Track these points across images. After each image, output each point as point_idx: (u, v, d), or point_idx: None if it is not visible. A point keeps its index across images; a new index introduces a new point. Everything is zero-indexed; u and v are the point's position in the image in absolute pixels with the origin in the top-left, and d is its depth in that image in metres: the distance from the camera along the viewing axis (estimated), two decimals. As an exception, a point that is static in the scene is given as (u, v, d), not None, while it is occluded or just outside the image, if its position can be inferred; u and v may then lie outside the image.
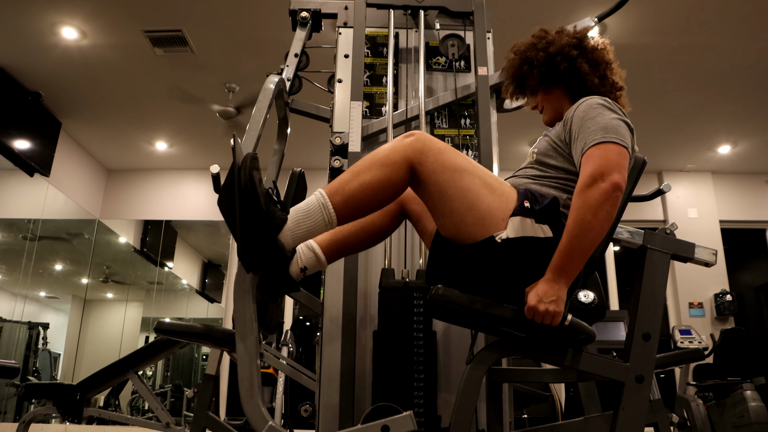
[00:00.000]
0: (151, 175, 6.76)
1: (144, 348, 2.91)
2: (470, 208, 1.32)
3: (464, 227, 1.33)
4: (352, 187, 1.32)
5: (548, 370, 1.70)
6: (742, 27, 4.31)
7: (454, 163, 1.35)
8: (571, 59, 1.60)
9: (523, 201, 1.35)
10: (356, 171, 1.34)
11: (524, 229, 1.31)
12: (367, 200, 1.34)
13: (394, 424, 1.20)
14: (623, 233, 1.51)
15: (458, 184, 1.33)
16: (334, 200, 1.31)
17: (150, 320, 6.87)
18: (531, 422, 3.51)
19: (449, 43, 2.20)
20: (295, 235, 1.29)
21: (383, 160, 1.34)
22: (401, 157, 1.34)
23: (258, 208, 1.23)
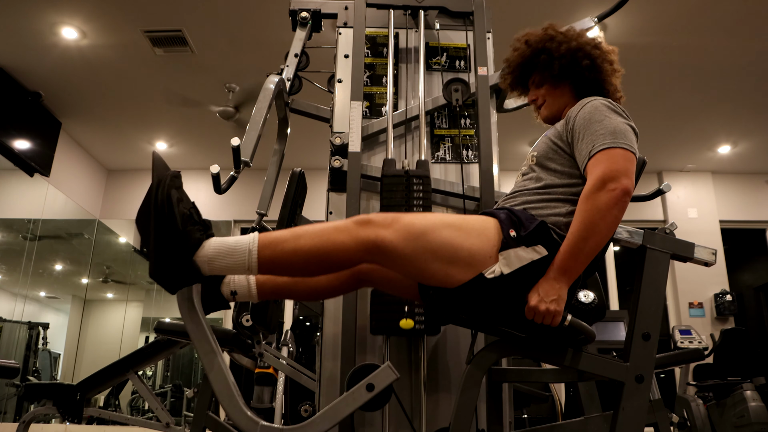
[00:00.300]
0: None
1: (144, 348, 2.91)
2: (451, 262, 1.27)
3: (452, 279, 1.28)
4: (286, 248, 1.25)
5: (548, 370, 1.70)
6: (742, 27, 4.31)
7: (416, 230, 1.27)
8: (592, 58, 1.60)
9: (508, 231, 1.31)
10: (299, 233, 1.27)
11: (519, 260, 1.29)
12: (297, 266, 1.28)
13: (376, 379, 1.21)
14: (623, 233, 1.51)
15: (430, 246, 1.27)
16: (263, 253, 1.24)
17: (150, 320, 6.87)
18: (531, 422, 3.51)
19: (453, 88, 2.19)
20: (212, 267, 1.23)
21: (332, 237, 1.25)
22: (353, 241, 1.25)
23: (173, 227, 1.19)
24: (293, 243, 1.25)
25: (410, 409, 1.83)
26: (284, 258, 1.25)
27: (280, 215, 2.03)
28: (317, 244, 1.25)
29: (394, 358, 1.88)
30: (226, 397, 1.21)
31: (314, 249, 1.25)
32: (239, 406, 1.20)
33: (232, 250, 1.24)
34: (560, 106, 1.65)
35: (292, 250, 1.25)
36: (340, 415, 1.20)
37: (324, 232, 1.26)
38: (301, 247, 1.25)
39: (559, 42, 1.62)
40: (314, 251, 1.25)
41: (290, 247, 1.25)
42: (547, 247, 1.32)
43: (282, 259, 1.25)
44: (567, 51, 1.60)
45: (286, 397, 3.11)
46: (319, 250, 1.25)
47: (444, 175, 2.14)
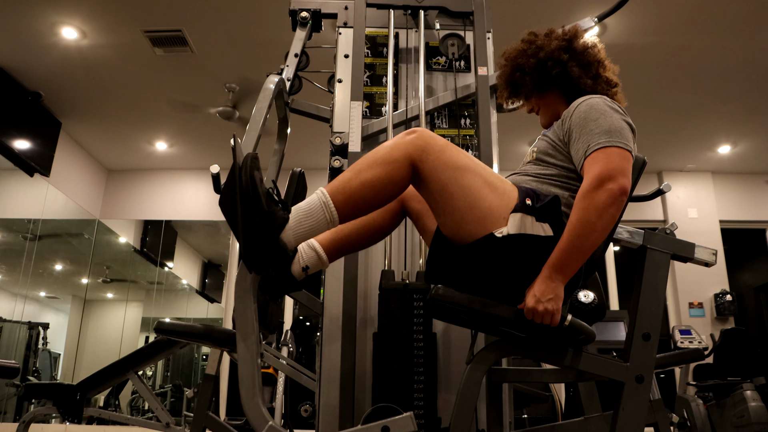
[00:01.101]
0: (151, 175, 6.76)
1: (144, 348, 2.91)
2: (471, 206, 1.32)
3: (465, 225, 1.32)
4: (354, 185, 1.31)
5: (548, 370, 1.70)
6: (742, 27, 4.31)
7: (455, 161, 1.34)
8: (562, 63, 1.60)
9: (524, 198, 1.34)
10: (357, 169, 1.33)
11: (525, 226, 1.31)
12: (369, 198, 1.33)
13: (395, 424, 1.20)
14: (623, 233, 1.51)
15: (460, 182, 1.33)
16: (336, 199, 1.30)
17: (150, 320, 6.87)
18: (531, 422, 3.51)
19: (449, 42, 2.20)
20: (297, 234, 1.28)
21: (385, 158, 1.33)
22: (403, 154, 1.33)
23: (260, 208, 1.22)
24: (357, 179, 1.32)
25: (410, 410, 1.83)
26: (356, 195, 1.31)
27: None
28: (378, 171, 1.32)
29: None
30: (248, 386, 1.22)
31: (377, 177, 1.32)
32: (256, 399, 1.20)
33: (309, 212, 1.29)
34: (554, 112, 1.67)
35: (360, 185, 1.31)
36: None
37: (377, 158, 1.33)
38: (366, 179, 1.31)
39: (528, 56, 1.64)
40: (379, 178, 1.32)
41: (357, 183, 1.31)
42: (553, 228, 1.33)
43: (355, 198, 1.31)
44: (535, 64, 1.62)
45: (286, 397, 3.11)
46: (380, 176, 1.32)
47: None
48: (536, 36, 1.66)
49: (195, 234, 7.20)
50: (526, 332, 1.37)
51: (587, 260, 1.33)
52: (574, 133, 1.44)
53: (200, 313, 7.38)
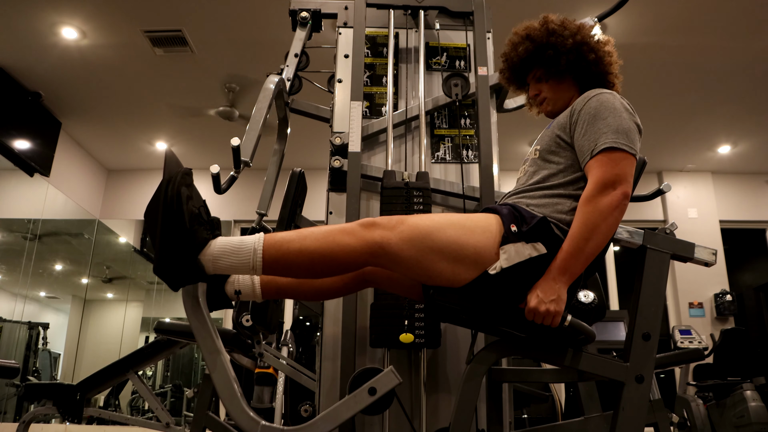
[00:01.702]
0: (151, 175, 6.75)
1: (144, 348, 2.91)
2: (458, 260, 1.28)
3: (458, 277, 1.29)
4: (291, 248, 1.25)
5: (548, 370, 1.70)
6: (742, 27, 4.31)
7: (421, 231, 1.28)
8: (596, 51, 1.59)
9: (509, 226, 1.32)
10: (305, 234, 1.27)
11: (518, 255, 1.29)
12: (302, 267, 1.27)
13: (379, 383, 1.22)
14: (623, 233, 1.51)
15: (436, 247, 1.28)
16: (267, 253, 1.24)
17: (150, 320, 6.87)
18: (531, 422, 3.51)
19: (452, 83, 2.19)
20: (216, 265, 1.23)
21: (338, 239, 1.26)
22: (358, 243, 1.25)
23: (181, 225, 1.19)
24: (298, 244, 1.25)
25: (410, 410, 1.83)
26: (289, 259, 1.25)
27: (280, 215, 2.03)
28: (322, 246, 1.25)
29: (394, 358, 1.88)
30: (228, 397, 1.21)
31: (319, 251, 1.25)
32: (241, 406, 1.20)
33: (237, 250, 1.24)
34: (566, 101, 1.64)
35: (297, 251, 1.25)
36: (341, 418, 1.20)
37: (329, 234, 1.26)
38: (306, 247, 1.25)
39: (564, 36, 1.61)
40: (319, 253, 1.25)
41: (295, 248, 1.25)
42: (547, 244, 1.32)
43: (287, 260, 1.25)
44: (573, 45, 1.59)
45: (286, 397, 3.11)
46: (324, 252, 1.25)
47: (444, 175, 2.14)
48: (564, 22, 1.65)
49: (195, 234, 7.19)
50: (526, 332, 1.37)
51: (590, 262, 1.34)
52: (581, 127, 1.44)
53: (200, 313, 7.37)
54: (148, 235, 1.24)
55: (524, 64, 1.67)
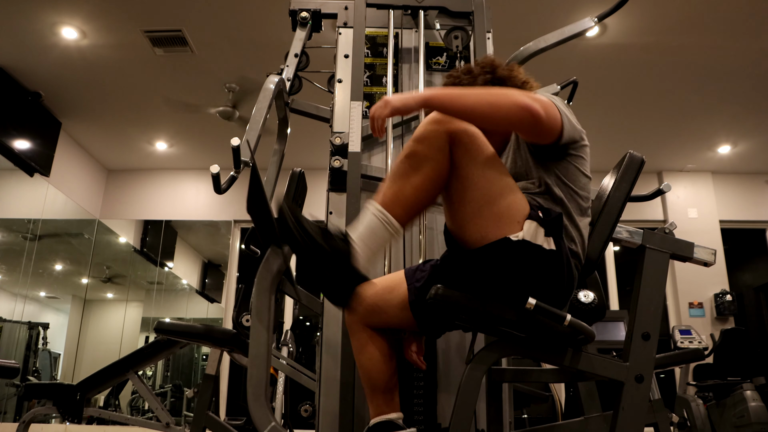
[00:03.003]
0: (151, 175, 6.75)
1: (144, 348, 2.92)
2: (490, 201, 1.30)
3: (479, 220, 1.30)
4: (407, 193, 1.31)
5: (548, 370, 1.70)
6: (742, 27, 4.31)
7: (485, 153, 1.33)
8: (504, 80, 1.57)
9: (537, 211, 1.33)
10: (403, 173, 1.32)
11: (537, 236, 1.30)
12: (424, 200, 1.33)
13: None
14: (622, 233, 1.51)
15: (485, 174, 1.31)
16: (395, 212, 1.30)
17: (150, 320, 6.87)
18: (531, 422, 3.51)
19: (453, 35, 2.19)
20: (368, 257, 1.29)
21: (427, 155, 1.31)
22: (441, 146, 1.31)
23: (324, 254, 1.23)
24: (410, 184, 1.30)
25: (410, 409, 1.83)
26: (412, 201, 1.31)
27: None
28: (427, 173, 1.30)
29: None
30: (256, 387, 1.22)
31: (428, 177, 1.30)
32: (262, 399, 1.20)
33: (371, 232, 1.29)
34: (502, 136, 1.62)
35: (413, 191, 1.30)
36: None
37: (419, 157, 1.31)
38: (418, 183, 1.30)
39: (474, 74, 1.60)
40: (429, 178, 1.31)
41: (410, 190, 1.30)
42: (556, 243, 1.32)
43: (411, 204, 1.31)
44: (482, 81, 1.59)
45: (286, 397, 3.11)
46: (430, 175, 1.30)
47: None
48: (458, 77, 1.62)
49: (195, 234, 7.20)
50: (526, 332, 1.37)
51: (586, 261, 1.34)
52: None
53: (200, 313, 7.38)
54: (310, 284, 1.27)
55: None
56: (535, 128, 1.34)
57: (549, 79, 2.69)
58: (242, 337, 2.37)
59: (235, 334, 2.30)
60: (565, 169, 1.44)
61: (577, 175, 1.45)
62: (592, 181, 1.49)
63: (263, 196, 1.29)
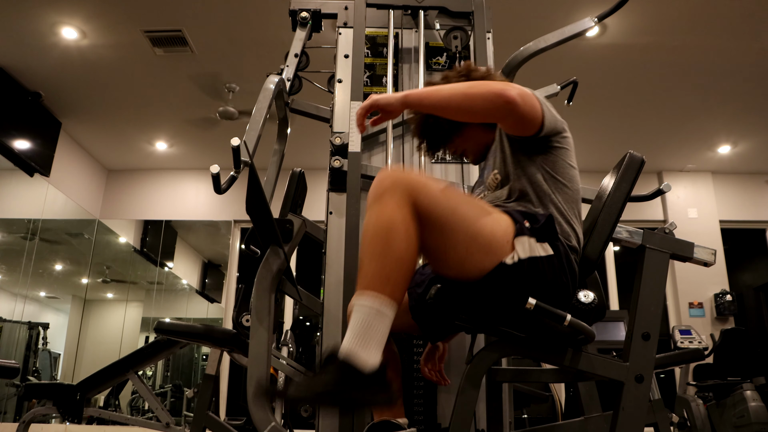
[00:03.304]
0: (151, 175, 6.75)
1: (144, 348, 2.92)
2: (474, 236, 1.26)
3: (470, 257, 1.26)
4: (391, 267, 1.19)
5: (548, 370, 1.70)
6: (742, 27, 4.31)
7: (446, 194, 1.27)
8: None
9: (523, 221, 1.31)
10: (380, 250, 1.20)
11: (531, 249, 1.29)
12: (411, 265, 1.22)
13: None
14: (622, 233, 1.51)
15: (457, 213, 1.26)
16: (386, 292, 1.18)
17: (150, 320, 6.87)
18: (531, 422, 3.51)
19: (452, 36, 2.19)
20: (372, 353, 1.14)
21: (393, 219, 1.21)
22: (403, 205, 1.22)
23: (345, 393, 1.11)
24: (391, 256, 1.20)
25: (410, 409, 1.83)
26: (396, 274, 1.20)
27: (280, 215, 2.03)
28: (402, 239, 1.21)
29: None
30: (256, 386, 1.22)
31: (404, 242, 1.21)
32: (262, 399, 1.20)
33: (367, 328, 1.15)
34: (478, 142, 1.62)
35: (396, 261, 1.20)
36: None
37: (387, 224, 1.21)
38: (397, 253, 1.20)
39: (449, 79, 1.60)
40: (405, 243, 1.21)
41: (393, 262, 1.20)
42: (552, 246, 1.32)
43: (398, 276, 1.20)
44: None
45: (286, 397, 3.11)
46: (405, 238, 1.21)
47: (444, 176, 2.15)
48: (436, 83, 1.59)
49: (195, 234, 7.20)
50: (526, 332, 1.37)
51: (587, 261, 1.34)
52: None
53: (200, 313, 7.37)
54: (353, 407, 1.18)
55: (426, 133, 1.65)
56: (513, 115, 1.33)
57: (549, 79, 2.69)
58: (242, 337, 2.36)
59: (235, 334, 2.30)
60: (552, 162, 1.44)
61: (565, 167, 1.45)
62: (591, 181, 1.50)
63: (262, 196, 1.28)
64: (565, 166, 1.45)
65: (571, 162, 1.47)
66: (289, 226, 1.59)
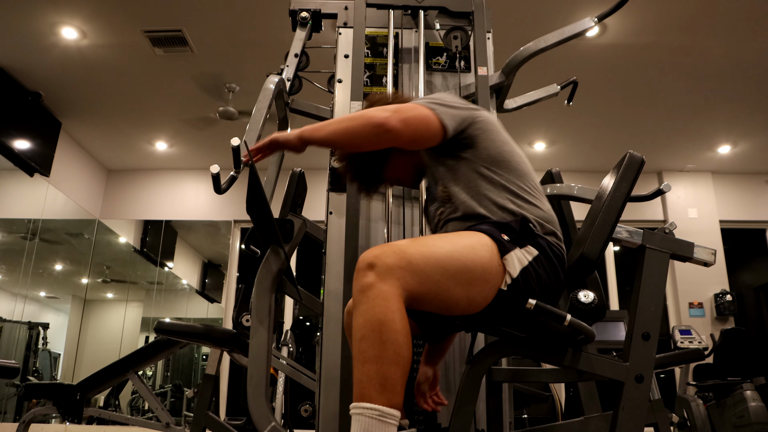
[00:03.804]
0: (151, 175, 6.76)
1: (144, 348, 2.92)
2: (469, 281, 1.23)
3: (474, 300, 1.25)
4: (389, 369, 1.10)
5: (548, 370, 1.70)
6: (742, 27, 4.31)
7: (427, 255, 1.21)
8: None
9: (500, 236, 1.30)
10: (376, 354, 1.11)
11: (520, 262, 1.29)
12: (408, 357, 1.14)
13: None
14: (622, 233, 1.51)
15: (447, 269, 1.21)
16: (385, 398, 1.09)
17: (150, 320, 6.87)
18: (531, 422, 3.51)
19: (452, 36, 2.19)
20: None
21: (386, 317, 1.13)
22: (392, 295, 1.14)
23: None
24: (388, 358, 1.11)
25: (410, 409, 1.83)
26: (397, 376, 1.11)
27: (280, 215, 2.03)
28: (398, 333, 1.12)
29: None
30: (256, 386, 1.22)
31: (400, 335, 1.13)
32: (262, 399, 1.20)
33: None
34: (408, 165, 1.59)
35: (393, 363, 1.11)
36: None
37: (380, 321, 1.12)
38: (396, 349, 1.12)
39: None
40: (402, 336, 1.13)
41: (391, 363, 1.11)
42: (533, 245, 1.33)
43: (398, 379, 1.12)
44: None
45: (286, 397, 3.11)
46: (400, 327, 1.13)
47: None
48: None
49: (195, 234, 7.20)
50: (526, 332, 1.37)
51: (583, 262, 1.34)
52: None
53: (200, 313, 7.38)
54: None
55: (356, 174, 1.62)
56: (400, 140, 1.33)
57: (549, 79, 2.69)
58: (242, 337, 2.37)
59: (235, 334, 2.30)
60: (480, 151, 1.43)
61: (495, 149, 1.43)
62: (591, 181, 1.50)
63: (263, 196, 1.28)
64: (494, 147, 1.43)
65: (498, 140, 1.44)
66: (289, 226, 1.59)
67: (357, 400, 1.11)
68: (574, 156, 6.31)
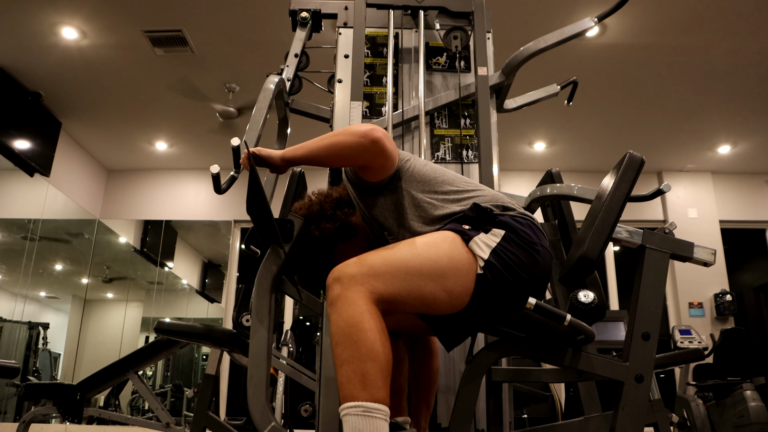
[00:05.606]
0: (151, 175, 6.76)
1: (144, 348, 2.92)
2: (441, 276, 1.25)
3: (453, 291, 1.27)
4: (367, 367, 1.13)
5: (548, 370, 1.70)
6: (742, 27, 4.31)
7: (389, 262, 1.24)
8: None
9: (461, 227, 1.32)
10: (357, 354, 1.14)
11: (487, 244, 1.30)
12: (383, 350, 1.17)
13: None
14: (622, 233, 1.51)
15: (413, 267, 1.25)
16: (367, 394, 1.11)
17: (150, 320, 6.87)
18: (531, 422, 3.51)
19: (452, 36, 2.20)
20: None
21: (352, 317, 1.16)
22: (360, 299, 1.18)
23: None
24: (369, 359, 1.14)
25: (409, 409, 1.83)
26: (379, 376, 1.14)
27: (280, 215, 2.03)
28: (372, 336, 1.16)
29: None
30: (256, 386, 1.22)
31: (374, 340, 1.16)
32: (262, 399, 1.21)
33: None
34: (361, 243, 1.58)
35: (373, 363, 1.15)
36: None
37: (357, 328, 1.16)
38: (373, 353, 1.15)
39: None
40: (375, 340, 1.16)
41: (370, 363, 1.14)
42: (498, 226, 1.33)
43: (380, 380, 1.14)
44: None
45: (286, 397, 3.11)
46: (376, 337, 1.17)
47: (444, 175, 2.14)
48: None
49: (195, 234, 7.20)
50: (525, 332, 1.37)
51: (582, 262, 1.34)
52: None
53: (200, 313, 7.38)
54: None
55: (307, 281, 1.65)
56: (380, 149, 1.34)
57: (549, 79, 2.70)
58: (242, 337, 2.37)
59: (235, 334, 2.30)
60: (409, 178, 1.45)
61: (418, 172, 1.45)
62: (591, 181, 1.50)
63: (263, 196, 1.28)
64: (416, 172, 1.45)
65: (417, 164, 1.47)
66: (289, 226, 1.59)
67: (342, 401, 1.13)
68: (574, 156, 6.31)
